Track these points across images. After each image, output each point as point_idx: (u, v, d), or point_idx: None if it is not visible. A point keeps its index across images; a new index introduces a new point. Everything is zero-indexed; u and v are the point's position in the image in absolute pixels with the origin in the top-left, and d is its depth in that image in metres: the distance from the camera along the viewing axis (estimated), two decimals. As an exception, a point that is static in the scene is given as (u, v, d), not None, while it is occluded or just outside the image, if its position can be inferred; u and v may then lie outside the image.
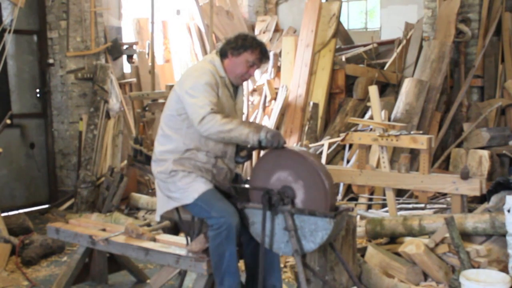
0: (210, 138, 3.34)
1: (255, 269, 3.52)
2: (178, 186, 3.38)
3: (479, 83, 7.06)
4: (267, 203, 3.21)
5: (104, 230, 4.21)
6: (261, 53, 3.44)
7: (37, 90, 7.04)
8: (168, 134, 3.45)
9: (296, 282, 3.72)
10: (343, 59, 7.56)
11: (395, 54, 7.44)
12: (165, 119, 3.49)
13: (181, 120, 3.40)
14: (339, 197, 6.28)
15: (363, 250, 4.43)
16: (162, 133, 3.49)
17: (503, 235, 4.10)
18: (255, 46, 3.42)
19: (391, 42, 7.97)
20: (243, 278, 3.69)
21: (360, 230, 4.68)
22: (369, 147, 6.19)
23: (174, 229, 5.08)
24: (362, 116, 7.06)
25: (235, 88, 3.56)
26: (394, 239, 4.63)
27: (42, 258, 5.08)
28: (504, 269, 3.95)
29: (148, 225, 4.65)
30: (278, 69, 8.06)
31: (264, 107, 7.91)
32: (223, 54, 3.46)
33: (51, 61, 7.02)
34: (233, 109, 3.51)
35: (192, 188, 3.35)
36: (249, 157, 3.56)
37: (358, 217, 5.41)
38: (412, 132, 5.27)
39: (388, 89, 7.44)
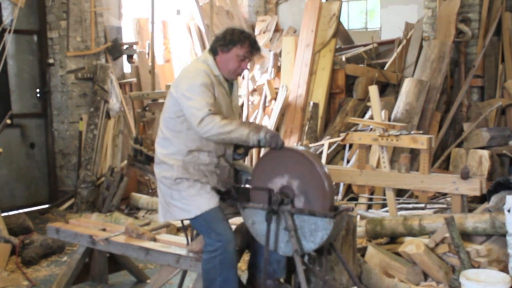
0: (210, 139, 3.33)
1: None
2: (183, 195, 3.36)
3: (479, 83, 7.06)
4: (271, 211, 3.20)
5: (104, 230, 4.22)
6: (251, 46, 3.41)
7: (37, 90, 7.05)
8: (168, 137, 3.43)
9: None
10: (343, 59, 7.56)
11: (395, 54, 7.44)
12: (164, 122, 3.47)
13: (180, 122, 3.38)
14: (339, 197, 6.29)
15: (363, 250, 4.43)
16: (163, 136, 3.47)
17: (503, 235, 4.10)
18: (244, 40, 3.39)
19: (391, 42, 7.97)
20: (244, 277, 3.70)
21: (360, 230, 4.67)
22: (369, 147, 6.19)
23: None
24: (362, 116, 7.06)
25: (230, 85, 3.54)
26: (394, 239, 4.63)
27: (42, 258, 5.08)
28: (504, 269, 3.95)
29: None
30: (278, 69, 8.06)
31: (264, 107, 7.91)
32: (214, 52, 3.44)
33: (51, 61, 7.02)
34: (230, 106, 3.50)
35: (195, 203, 3.32)
36: (246, 154, 3.57)
37: (358, 217, 5.40)
38: (412, 132, 5.27)
39: (388, 89, 7.45)
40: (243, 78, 7.97)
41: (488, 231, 4.24)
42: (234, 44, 3.37)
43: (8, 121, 5.80)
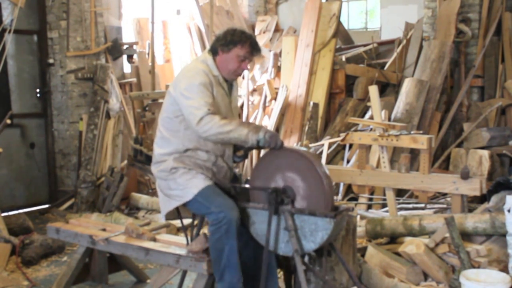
0: (209, 139, 3.33)
1: (252, 271, 3.51)
2: (178, 182, 3.38)
3: (479, 83, 7.06)
4: (274, 202, 3.20)
5: (104, 230, 4.22)
6: (251, 47, 3.41)
7: (37, 90, 7.04)
8: (166, 137, 3.44)
9: (284, 282, 3.72)
10: (343, 59, 7.56)
11: (395, 54, 7.44)
12: (162, 122, 3.47)
13: (178, 122, 3.39)
14: (339, 197, 6.29)
15: (363, 250, 4.43)
16: (161, 136, 3.48)
17: (503, 235, 4.10)
18: (245, 40, 3.39)
19: (391, 42, 7.97)
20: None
21: (360, 230, 4.67)
22: (369, 147, 6.19)
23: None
24: (362, 116, 7.06)
25: (230, 86, 3.54)
26: (394, 239, 4.63)
27: (42, 258, 5.08)
28: (504, 269, 3.95)
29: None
30: (278, 69, 8.06)
31: (264, 107, 7.91)
32: (214, 52, 3.44)
33: (51, 61, 7.02)
34: (229, 107, 3.50)
35: (191, 184, 3.34)
36: (245, 156, 3.57)
37: (358, 217, 5.40)
38: (412, 132, 5.27)
39: (388, 89, 7.44)
40: (243, 78, 7.97)
41: (488, 231, 4.24)
42: (234, 44, 3.38)
43: (8, 121, 5.80)
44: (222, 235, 3.24)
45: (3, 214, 5.52)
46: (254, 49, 3.43)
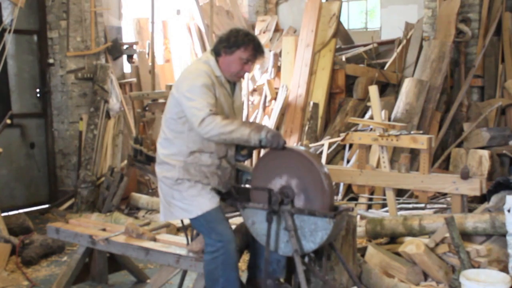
0: (211, 140, 3.33)
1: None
2: (183, 195, 3.36)
3: (479, 83, 7.06)
4: (271, 211, 3.20)
5: (104, 230, 4.22)
6: (254, 49, 3.38)
7: (37, 90, 7.04)
8: (170, 138, 3.43)
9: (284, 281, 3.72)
10: (343, 59, 7.57)
11: (395, 54, 7.44)
12: (166, 123, 3.46)
13: (181, 123, 3.37)
14: (339, 197, 6.29)
15: (363, 250, 4.43)
16: (165, 137, 3.46)
17: (503, 235, 4.10)
18: (248, 43, 3.35)
19: (391, 42, 7.98)
20: (244, 276, 3.70)
21: (360, 230, 4.67)
22: (369, 147, 6.19)
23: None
24: (362, 116, 7.06)
25: (233, 86, 3.52)
26: (394, 239, 4.63)
27: (42, 258, 5.08)
28: (504, 269, 3.95)
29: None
30: (278, 69, 8.06)
31: (264, 107, 7.91)
32: (217, 53, 3.42)
33: (51, 61, 7.02)
34: (231, 107, 3.48)
35: (196, 203, 3.32)
36: (250, 155, 3.56)
37: (358, 217, 5.40)
38: (412, 132, 5.27)
39: (388, 89, 7.45)
40: (243, 78, 7.97)
41: (488, 231, 4.24)
42: (238, 47, 3.35)
43: (8, 121, 5.80)
44: (218, 266, 3.24)
45: (3, 214, 5.52)
46: (257, 52, 3.39)
